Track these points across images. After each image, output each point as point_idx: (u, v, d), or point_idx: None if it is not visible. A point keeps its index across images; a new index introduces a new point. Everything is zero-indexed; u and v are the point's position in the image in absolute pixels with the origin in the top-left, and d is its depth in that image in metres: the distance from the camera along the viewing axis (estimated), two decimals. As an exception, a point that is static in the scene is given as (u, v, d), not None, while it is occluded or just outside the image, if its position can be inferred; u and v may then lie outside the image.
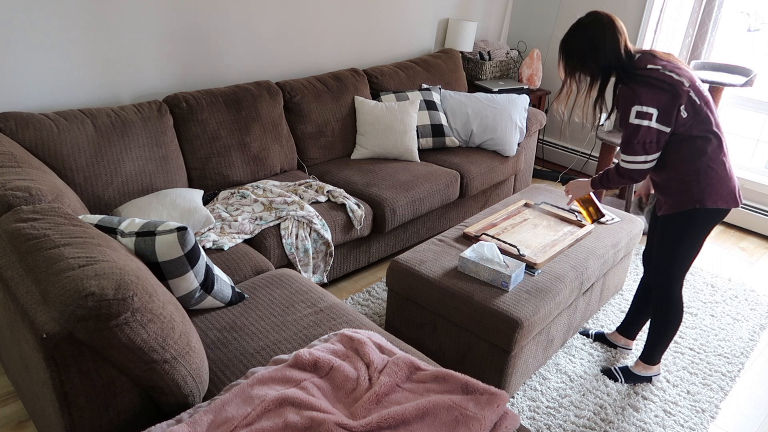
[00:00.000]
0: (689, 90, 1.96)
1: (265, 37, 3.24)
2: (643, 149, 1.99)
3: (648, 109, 1.94)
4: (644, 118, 1.95)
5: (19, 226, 1.49)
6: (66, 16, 2.49)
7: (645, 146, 1.98)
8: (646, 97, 1.94)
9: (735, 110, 4.00)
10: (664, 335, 2.30)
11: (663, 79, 1.94)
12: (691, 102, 1.96)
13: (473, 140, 3.60)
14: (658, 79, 1.94)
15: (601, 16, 2.04)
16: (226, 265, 2.25)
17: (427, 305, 2.28)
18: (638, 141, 1.98)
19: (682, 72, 1.98)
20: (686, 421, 2.26)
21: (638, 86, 1.96)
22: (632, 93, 1.96)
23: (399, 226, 3.11)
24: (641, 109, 1.95)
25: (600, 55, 2.02)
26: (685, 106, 1.95)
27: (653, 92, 1.94)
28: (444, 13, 4.21)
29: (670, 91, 1.94)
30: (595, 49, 2.02)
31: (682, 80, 1.95)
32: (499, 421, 1.47)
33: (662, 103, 1.94)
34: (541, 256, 2.36)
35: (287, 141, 3.14)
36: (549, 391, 2.35)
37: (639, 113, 1.95)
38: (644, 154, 2.00)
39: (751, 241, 3.77)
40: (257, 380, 1.52)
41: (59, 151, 2.34)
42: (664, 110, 1.94)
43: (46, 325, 1.30)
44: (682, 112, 1.95)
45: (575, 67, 2.09)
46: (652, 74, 1.96)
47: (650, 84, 1.94)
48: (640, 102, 1.94)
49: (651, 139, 1.97)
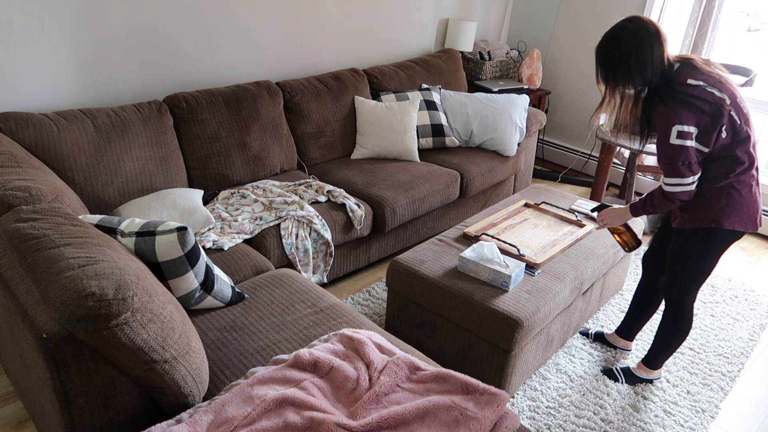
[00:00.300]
0: (731, 108, 1.86)
1: (265, 37, 3.24)
2: (689, 170, 1.88)
3: (689, 128, 1.84)
4: (686, 138, 1.84)
5: (19, 226, 1.49)
6: (66, 16, 2.49)
7: (691, 167, 1.88)
8: (687, 117, 1.83)
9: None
10: (669, 344, 2.29)
11: (704, 98, 1.83)
12: (732, 121, 1.87)
13: (473, 140, 3.60)
14: (699, 98, 1.83)
15: (647, 24, 1.88)
16: (226, 265, 2.25)
17: (427, 305, 2.28)
18: (682, 162, 1.87)
19: (724, 87, 1.87)
20: (686, 421, 2.26)
21: (678, 106, 1.84)
22: (672, 113, 1.84)
23: (399, 226, 3.11)
24: (682, 129, 1.83)
25: (647, 67, 1.87)
26: (726, 126, 1.85)
27: (694, 113, 1.83)
28: (444, 13, 4.21)
29: (712, 112, 1.84)
30: (642, 59, 1.87)
31: (724, 97, 1.85)
32: (499, 421, 1.47)
33: (703, 123, 1.84)
34: (541, 256, 2.36)
35: (287, 141, 3.14)
36: (549, 391, 2.35)
37: (680, 133, 1.84)
38: (691, 174, 1.89)
39: (751, 241, 3.77)
40: (257, 380, 1.52)
41: (59, 151, 2.34)
42: (704, 130, 1.85)
43: (46, 325, 1.30)
44: (723, 133, 1.86)
45: (619, 78, 1.92)
46: (693, 92, 1.84)
47: (690, 104, 1.83)
48: (681, 122, 1.83)
49: (694, 160, 1.87)
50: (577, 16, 4.33)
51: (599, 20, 4.22)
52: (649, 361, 2.39)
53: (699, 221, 1.99)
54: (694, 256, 2.06)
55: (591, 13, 4.25)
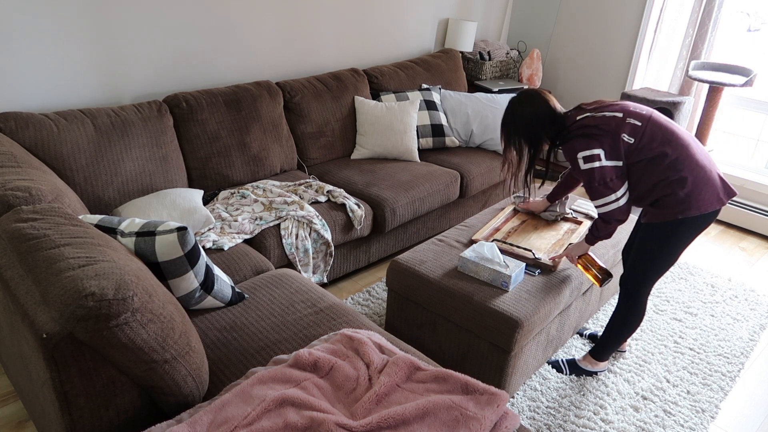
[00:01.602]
0: (624, 118, 2.01)
1: (266, 37, 3.24)
2: (607, 188, 2.02)
3: (592, 151, 2.00)
4: (594, 161, 2.00)
5: (19, 226, 1.49)
6: (66, 16, 2.49)
7: (608, 184, 2.01)
8: (585, 144, 2.01)
9: (735, 110, 4.00)
10: (620, 335, 2.32)
11: (594, 124, 2.02)
12: (632, 126, 2.01)
13: (473, 140, 3.60)
14: (589, 126, 2.02)
15: (526, 91, 2.17)
16: (226, 265, 2.25)
17: (427, 305, 2.28)
18: (598, 183, 2.01)
19: (611, 108, 2.06)
20: (686, 421, 2.26)
21: (574, 140, 2.03)
22: (571, 147, 2.04)
23: (399, 226, 3.11)
24: (585, 154, 2.01)
25: (544, 127, 2.13)
26: (627, 134, 2.00)
27: (589, 138, 2.01)
28: (444, 13, 4.21)
29: (606, 129, 2.00)
30: (537, 124, 2.12)
31: (613, 114, 2.03)
32: (499, 421, 1.47)
33: (604, 142, 2.00)
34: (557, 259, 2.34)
35: (287, 141, 3.14)
36: (549, 391, 2.35)
37: (585, 158, 2.01)
38: (611, 192, 2.02)
39: (751, 241, 3.77)
40: (257, 380, 1.52)
41: (59, 151, 2.34)
42: (610, 147, 2.00)
43: (46, 325, 1.30)
44: (626, 139, 2.00)
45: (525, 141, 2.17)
46: (583, 122, 2.04)
47: (584, 134, 2.02)
48: (581, 149, 2.01)
49: (610, 177, 2.01)
50: (577, 16, 4.33)
51: (599, 20, 4.22)
52: (597, 352, 2.41)
53: (666, 215, 2.04)
54: (663, 248, 2.10)
55: (591, 13, 4.25)
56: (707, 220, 2.05)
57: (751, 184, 3.83)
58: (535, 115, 2.11)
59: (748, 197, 3.88)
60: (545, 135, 2.14)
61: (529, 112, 2.12)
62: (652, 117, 2.04)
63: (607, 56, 4.25)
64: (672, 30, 3.94)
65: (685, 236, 2.07)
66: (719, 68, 3.57)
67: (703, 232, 2.10)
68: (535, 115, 2.11)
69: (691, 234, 2.07)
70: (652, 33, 3.99)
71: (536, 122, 2.12)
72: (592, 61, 4.33)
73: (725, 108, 4.02)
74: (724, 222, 3.98)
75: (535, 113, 2.11)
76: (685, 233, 2.06)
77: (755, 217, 3.82)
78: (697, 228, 2.06)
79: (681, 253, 2.13)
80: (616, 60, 4.20)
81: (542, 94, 2.15)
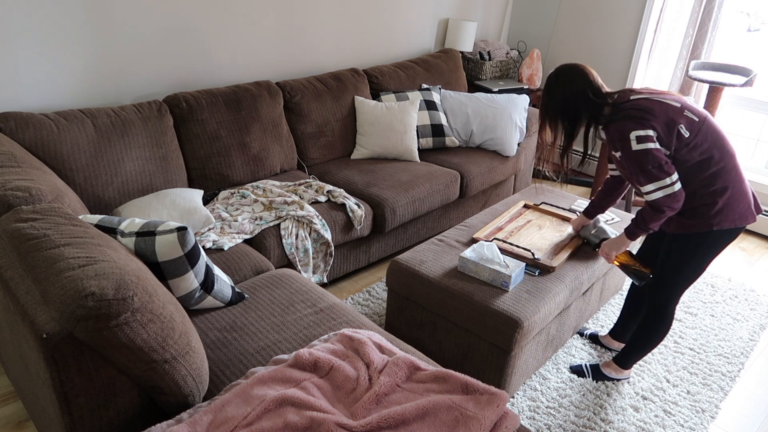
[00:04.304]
0: (682, 109, 1.91)
1: (265, 37, 3.24)
2: (661, 171, 1.88)
3: (645, 132, 1.87)
4: (647, 141, 1.87)
5: (19, 226, 1.49)
6: (66, 16, 2.49)
7: (662, 167, 1.87)
8: (639, 124, 1.88)
9: (735, 110, 4.00)
10: (646, 346, 2.27)
11: (649, 107, 1.89)
12: (689, 120, 1.90)
13: (473, 140, 3.60)
14: (643, 108, 1.89)
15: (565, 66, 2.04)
16: (226, 265, 2.25)
17: (427, 305, 2.28)
18: (652, 165, 1.87)
19: (667, 96, 1.94)
20: (686, 421, 2.26)
21: (627, 119, 1.90)
22: (621, 126, 1.90)
23: (399, 226, 3.11)
24: (639, 134, 1.87)
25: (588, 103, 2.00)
26: (684, 125, 1.89)
27: (644, 119, 1.88)
28: (444, 13, 4.21)
29: (662, 113, 1.88)
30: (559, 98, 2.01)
31: (671, 103, 1.92)
32: (499, 421, 1.47)
33: (657, 125, 1.88)
34: (555, 259, 2.35)
35: (287, 141, 3.14)
36: (549, 391, 2.35)
37: (639, 138, 1.87)
38: (666, 175, 1.88)
39: (751, 241, 3.77)
40: (257, 380, 1.52)
41: (59, 151, 2.34)
42: (663, 133, 1.88)
43: (46, 325, 1.30)
44: (683, 131, 1.88)
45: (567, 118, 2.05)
46: (638, 104, 1.91)
47: (638, 114, 1.89)
48: (635, 128, 1.88)
49: (665, 159, 1.88)
50: (577, 16, 4.33)
51: (599, 20, 4.22)
52: (621, 360, 2.37)
53: (697, 226, 1.97)
54: (691, 260, 2.04)
55: (591, 13, 4.25)
56: (736, 234, 1.99)
57: (751, 184, 3.83)
58: (573, 91, 1.97)
59: (748, 197, 3.88)
60: (584, 112, 1.99)
61: (566, 86, 1.98)
62: (708, 117, 1.94)
63: (607, 56, 4.25)
64: (672, 30, 3.94)
65: (714, 248, 2.00)
66: (719, 68, 3.57)
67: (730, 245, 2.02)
68: (572, 91, 1.97)
69: (721, 246, 2.00)
70: (652, 33, 3.99)
71: (573, 98, 1.97)
72: (592, 61, 4.33)
73: (725, 108, 4.02)
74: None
75: (572, 88, 1.97)
76: (715, 245, 1.99)
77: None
78: (726, 240, 1.99)
79: (709, 265, 2.06)
80: (616, 60, 4.21)
81: (581, 68, 2.00)
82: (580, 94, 1.98)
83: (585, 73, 2.00)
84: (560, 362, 2.51)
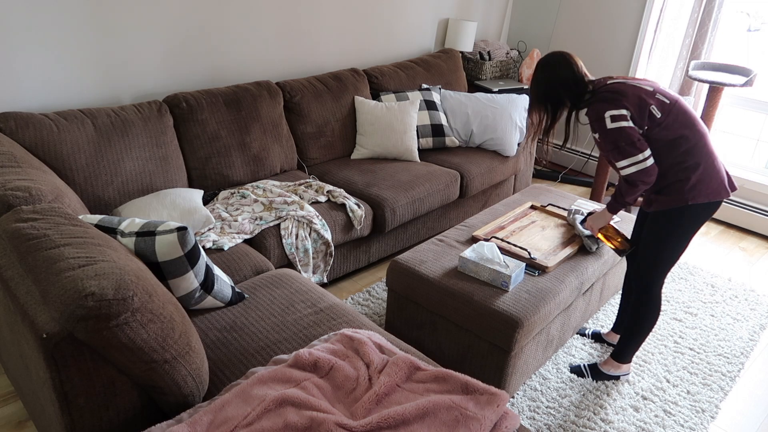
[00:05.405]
0: (654, 93, 2.04)
1: (265, 37, 3.24)
2: (635, 147, 2.00)
3: (620, 111, 2.01)
4: (621, 120, 2.00)
5: (19, 226, 1.49)
6: (66, 16, 2.49)
7: (635, 144, 2.00)
8: (613, 105, 2.02)
9: (735, 110, 4.00)
10: (638, 334, 2.31)
11: (623, 90, 2.04)
12: (661, 102, 2.03)
13: (473, 140, 3.60)
14: (617, 91, 2.04)
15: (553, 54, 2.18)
16: (226, 265, 2.25)
17: (427, 305, 2.28)
18: (625, 142, 2.00)
19: (641, 82, 2.08)
20: (686, 421, 2.26)
21: (602, 101, 2.04)
22: (598, 107, 2.04)
23: (399, 226, 3.11)
24: (613, 113, 2.01)
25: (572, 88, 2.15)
26: (656, 107, 2.02)
27: (618, 101, 2.02)
28: (444, 13, 4.21)
29: (634, 95, 2.02)
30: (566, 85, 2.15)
31: (643, 87, 2.05)
32: (499, 421, 1.47)
33: (630, 105, 2.01)
34: (552, 259, 2.35)
35: (287, 141, 3.14)
36: (549, 391, 2.35)
37: (613, 117, 2.01)
38: (639, 151, 2.01)
39: (751, 241, 3.76)
40: (257, 380, 1.52)
41: (59, 151, 2.34)
42: (635, 113, 2.01)
43: (46, 325, 1.30)
44: (655, 112, 2.01)
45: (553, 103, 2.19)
46: (612, 87, 2.06)
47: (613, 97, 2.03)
48: (609, 108, 2.02)
49: (637, 137, 2.00)
50: (577, 16, 4.33)
51: (599, 20, 4.22)
52: (618, 354, 2.39)
53: (674, 201, 2.07)
54: (671, 237, 2.12)
55: (591, 13, 4.25)
56: (711, 209, 2.09)
57: (751, 184, 3.83)
58: (557, 78, 2.13)
59: (748, 197, 3.88)
60: (566, 97, 2.15)
61: (551, 74, 2.14)
62: (679, 101, 2.07)
63: (607, 56, 4.25)
64: (672, 30, 3.94)
65: (691, 224, 2.10)
66: (719, 68, 3.57)
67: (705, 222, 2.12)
68: (556, 78, 2.13)
69: (697, 222, 2.10)
70: (652, 33, 3.99)
71: (557, 85, 2.14)
72: (592, 61, 4.33)
73: (725, 108, 4.01)
74: (724, 222, 3.98)
75: (556, 75, 2.13)
76: (692, 220, 2.09)
77: (755, 217, 3.82)
78: (703, 217, 2.09)
79: (688, 243, 2.15)
80: (616, 60, 4.20)
81: (567, 57, 2.15)
82: (563, 81, 2.13)
83: (570, 62, 2.14)
84: (560, 362, 2.51)
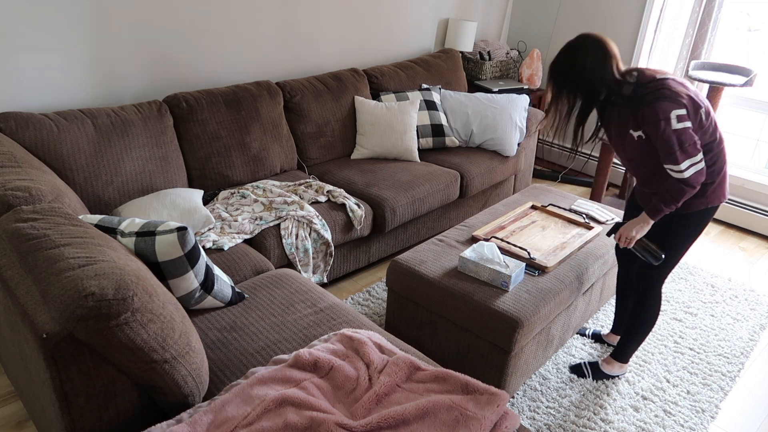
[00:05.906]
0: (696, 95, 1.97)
1: (265, 37, 3.24)
2: (696, 148, 1.91)
3: (683, 111, 1.89)
4: (685, 120, 1.89)
5: (19, 226, 1.49)
6: (66, 16, 2.49)
7: (696, 144, 1.91)
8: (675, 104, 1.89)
9: (735, 110, 4.00)
10: (639, 333, 2.32)
11: (678, 89, 1.92)
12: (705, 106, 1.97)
13: (473, 140, 3.60)
14: (675, 90, 1.91)
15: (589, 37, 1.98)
16: (226, 265, 2.25)
17: (427, 305, 2.28)
18: (689, 143, 1.90)
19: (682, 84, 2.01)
20: (686, 421, 2.26)
21: (663, 99, 1.89)
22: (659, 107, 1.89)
23: (399, 226, 3.11)
24: (680, 113, 1.88)
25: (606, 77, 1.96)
26: (704, 110, 1.95)
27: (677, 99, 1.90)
28: (444, 13, 4.21)
29: (686, 95, 1.92)
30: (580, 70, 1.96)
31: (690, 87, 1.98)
32: (499, 421, 1.47)
33: (687, 105, 1.91)
34: (552, 259, 2.35)
35: (287, 141, 3.14)
36: (549, 391, 2.35)
37: (679, 117, 1.88)
38: (698, 152, 1.91)
39: (751, 241, 3.76)
40: (257, 380, 1.52)
41: (59, 151, 2.34)
42: (690, 111, 1.92)
43: (46, 325, 1.30)
44: (703, 117, 1.94)
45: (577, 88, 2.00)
46: (668, 84, 1.93)
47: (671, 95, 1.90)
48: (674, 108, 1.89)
49: (696, 137, 1.91)
50: (577, 16, 4.33)
51: (599, 20, 4.22)
52: (619, 353, 2.39)
53: (700, 204, 2.06)
54: (686, 239, 2.12)
55: (591, 13, 4.25)
56: (715, 212, 2.11)
57: (751, 184, 3.83)
58: (598, 67, 1.93)
59: (748, 197, 3.88)
60: (603, 89, 1.96)
61: (592, 61, 1.93)
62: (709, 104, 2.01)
63: (607, 56, 4.24)
64: (672, 30, 3.94)
65: (701, 226, 2.11)
66: (719, 68, 3.57)
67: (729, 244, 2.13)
68: (597, 67, 1.93)
69: (705, 224, 2.11)
70: (652, 33, 3.98)
71: (597, 75, 1.94)
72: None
73: (725, 108, 4.01)
74: (724, 222, 3.98)
75: (598, 64, 1.93)
76: (702, 222, 2.10)
77: (755, 217, 3.82)
78: (709, 218, 2.10)
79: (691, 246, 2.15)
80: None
81: (607, 43, 1.95)
82: (603, 70, 1.94)
83: (609, 48, 1.95)
84: (560, 362, 2.51)
